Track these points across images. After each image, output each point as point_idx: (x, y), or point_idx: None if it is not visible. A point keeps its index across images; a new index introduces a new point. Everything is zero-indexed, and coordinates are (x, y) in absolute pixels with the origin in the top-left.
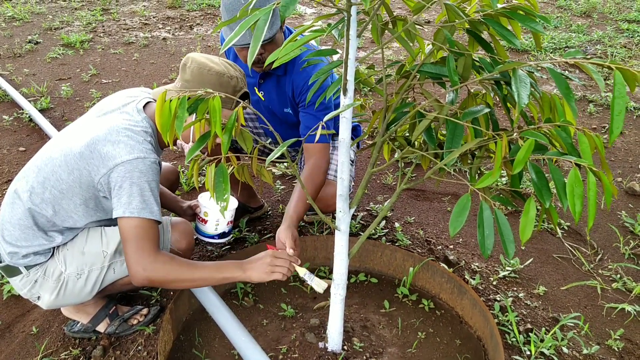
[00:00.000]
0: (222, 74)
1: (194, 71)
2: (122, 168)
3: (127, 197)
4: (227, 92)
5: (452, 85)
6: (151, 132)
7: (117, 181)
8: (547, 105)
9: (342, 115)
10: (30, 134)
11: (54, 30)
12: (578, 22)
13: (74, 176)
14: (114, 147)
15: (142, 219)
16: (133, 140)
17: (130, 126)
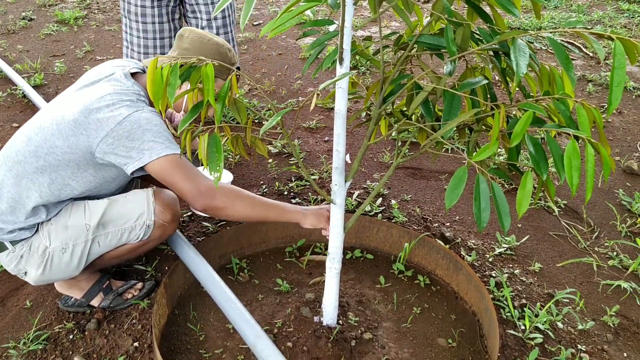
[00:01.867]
0: (221, 44)
1: (194, 39)
2: (126, 122)
3: (147, 144)
4: (223, 61)
5: (450, 55)
6: (144, 94)
7: (124, 135)
8: (545, 79)
9: (338, 85)
10: (24, 110)
11: (48, 7)
12: (578, 2)
13: (69, 142)
14: (110, 110)
15: (175, 155)
16: (127, 101)
17: (122, 91)
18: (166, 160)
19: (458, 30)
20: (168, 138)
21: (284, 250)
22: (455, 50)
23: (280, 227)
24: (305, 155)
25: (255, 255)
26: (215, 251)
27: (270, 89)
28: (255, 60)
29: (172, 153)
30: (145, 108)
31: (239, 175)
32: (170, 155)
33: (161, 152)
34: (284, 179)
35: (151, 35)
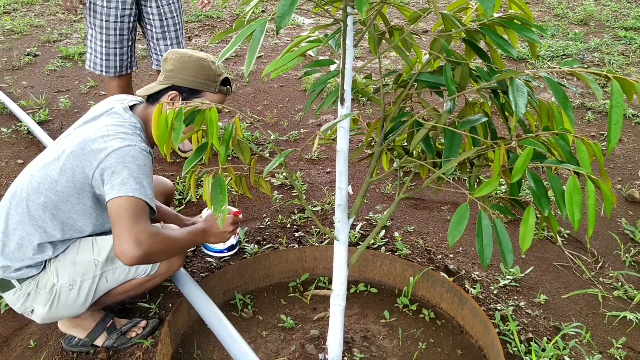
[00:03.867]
0: (202, 59)
1: (176, 60)
2: (114, 155)
3: (121, 180)
4: (208, 75)
5: (449, 94)
6: (140, 127)
7: (109, 167)
8: (544, 114)
9: (340, 125)
10: (29, 147)
11: (53, 42)
12: (575, 30)
13: (68, 175)
14: (104, 141)
15: (137, 199)
16: (123, 133)
17: (119, 123)
18: (127, 201)
19: (457, 69)
20: (141, 182)
21: (288, 285)
22: (455, 89)
23: (284, 261)
24: (307, 187)
25: (259, 290)
26: (219, 287)
27: (272, 121)
28: (257, 92)
29: (133, 196)
30: (137, 144)
31: (242, 209)
32: (130, 197)
33: (127, 191)
34: (287, 212)
35: (112, 45)
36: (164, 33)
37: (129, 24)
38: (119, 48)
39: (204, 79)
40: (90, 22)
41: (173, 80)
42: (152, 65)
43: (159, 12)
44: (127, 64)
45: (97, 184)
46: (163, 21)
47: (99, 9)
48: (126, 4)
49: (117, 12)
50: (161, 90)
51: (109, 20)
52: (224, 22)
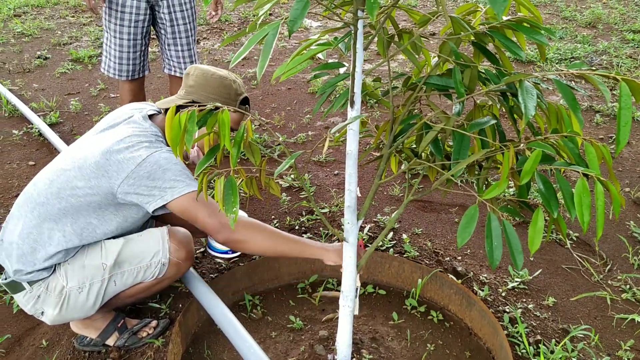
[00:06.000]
0: (224, 77)
1: (198, 76)
2: (145, 164)
3: (169, 182)
4: (229, 94)
5: (458, 97)
6: (161, 136)
7: (145, 176)
8: (553, 116)
9: (350, 127)
10: (40, 148)
11: (63, 45)
12: (583, 33)
13: (91, 184)
14: (130, 152)
15: (196, 192)
16: (146, 142)
17: (140, 133)
18: (188, 198)
19: (465, 72)
20: (188, 176)
21: (297, 287)
22: (464, 92)
23: (293, 263)
24: (315, 189)
25: (268, 291)
26: (229, 288)
27: (280, 124)
28: (265, 95)
29: (193, 190)
30: (163, 148)
31: (251, 210)
32: (192, 192)
33: (183, 190)
34: (295, 214)
35: (125, 49)
36: (175, 39)
37: (142, 29)
38: (132, 52)
39: (224, 97)
40: (105, 25)
41: (194, 95)
42: (164, 69)
43: (170, 18)
44: (139, 68)
45: (125, 193)
46: (175, 27)
47: (114, 14)
48: (140, 9)
49: (131, 16)
50: (181, 105)
51: (123, 24)
52: (232, 25)
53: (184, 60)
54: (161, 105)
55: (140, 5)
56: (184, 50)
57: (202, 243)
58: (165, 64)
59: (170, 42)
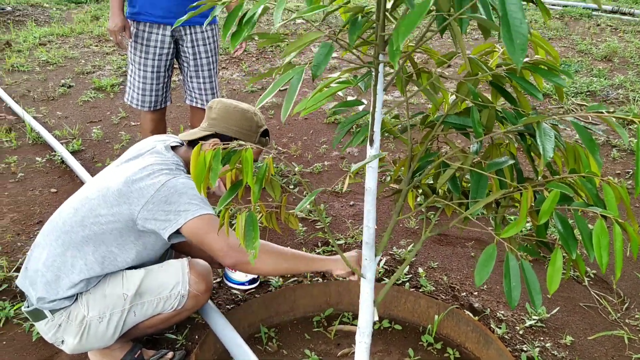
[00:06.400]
0: (246, 110)
1: (220, 109)
2: (164, 189)
3: (184, 206)
4: (250, 127)
5: (476, 136)
6: (182, 165)
7: (163, 200)
8: (571, 155)
9: (369, 165)
10: (62, 176)
11: (86, 74)
12: (599, 67)
13: (113, 211)
14: (151, 178)
15: (209, 215)
16: (167, 169)
17: (162, 162)
18: (200, 220)
19: (483, 112)
20: (203, 200)
21: (312, 320)
22: (482, 132)
23: (309, 295)
24: (331, 220)
25: (283, 324)
26: (245, 319)
27: (297, 153)
28: (282, 125)
29: (206, 213)
30: (182, 175)
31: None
32: (204, 215)
33: (196, 212)
34: (311, 244)
35: (149, 81)
36: (197, 72)
37: (166, 62)
38: (155, 84)
39: (245, 130)
40: (131, 58)
41: (216, 128)
42: (185, 100)
43: (194, 51)
44: (162, 99)
45: (144, 219)
46: (197, 60)
47: (139, 47)
48: (165, 43)
49: (155, 50)
50: (204, 137)
51: (148, 57)
52: (250, 56)
53: (205, 92)
54: (184, 137)
55: (165, 40)
56: (205, 83)
57: (219, 274)
58: (187, 95)
59: (192, 75)
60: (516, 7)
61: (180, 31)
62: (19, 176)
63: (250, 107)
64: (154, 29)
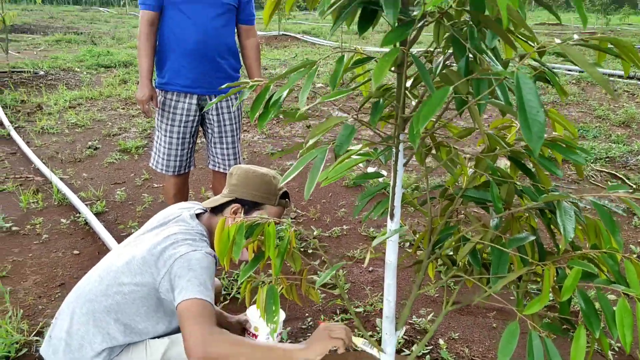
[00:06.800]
0: (265, 174)
1: (240, 175)
2: (180, 260)
3: (186, 282)
4: (269, 190)
5: (496, 212)
6: (206, 234)
7: (176, 272)
8: (592, 231)
9: (390, 239)
10: (85, 237)
11: (112, 136)
12: (617, 132)
13: (136, 280)
14: (173, 248)
15: (200, 300)
16: (190, 240)
17: (186, 231)
18: (192, 303)
19: (502, 186)
20: (204, 283)
21: None
22: (502, 208)
23: None
24: (349, 287)
25: None
26: None
27: (316, 217)
28: (301, 187)
29: (200, 298)
30: (202, 248)
31: (284, 307)
32: (197, 299)
33: (191, 294)
34: (329, 312)
35: (174, 147)
36: (221, 138)
37: (191, 129)
38: (180, 150)
39: (265, 193)
40: (157, 125)
41: (237, 193)
42: (209, 164)
43: (218, 119)
44: (185, 164)
45: (164, 289)
46: (221, 127)
47: (166, 114)
48: (190, 110)
49: (181, 117)
50: (225, 203)
51: (174, 124)
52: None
53: (228, 158)
54: (207, 205)
55: (191, 107)
56: (229, 149)
57: None
58: (210, 160)
59: (216, 141)
60: (532, 95)
61: (206, 99)
62: (43, 237)
63: (269, 170)
64: (181, 97)
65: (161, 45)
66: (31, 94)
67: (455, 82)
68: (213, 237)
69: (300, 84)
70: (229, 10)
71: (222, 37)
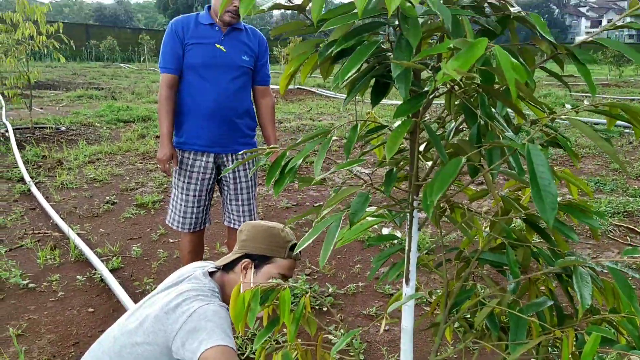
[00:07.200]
0: (272, 227)
1: (249, 230)
2: (195, 315)
3: (207, 334)
4: (277, 242)
5: (513, 277)
6: (218, 291)
7: (193, 327)
8: (610, 294)
9: (405, 304)
10: (100, 294)
11: (130, 191)
12: (634, 186)
13: (150, 339)
14: (186, 304)
15: (227, 347)
16: (202, 295)
17: (198, 287)
18: (216, 351)
19: (518, 250)
20: (226, 331)
21: None
22: (519, 272)
23: None
24: (365, 347)
25: None
26: None
27: (331, 273)
28: (316, 242)
29: (223, 345)
30: (215, 301)
31: None
32: (222, 346)
33: (216, 341)
34: None
35: (190, 204)
36: (236, 195)
37: (207, 186)
38: (196, 207)
39: (273, 245)
40: (174, 183)
41: (246, 249)
42: (224, 221)
43: (234, 176)
44: (201, 221)
45: (177, 347)
46: (237, 184)
47: (183, 172)
48: (207, 168)
49: (198, 175)
50: (236, 259)
51: (190, 182)
52: None
53: (243, 214)
54: (219, 263)
55: (208, 166)
56: (244, 205)
57: None
58: (225, 216)
59: (232, 198)
60: (544, 167)
61: (222, 157)
62: (59, 295)
63: (278, 224)
64: (198, 156)
65: (180, 107)
66: (52, 150)
67: (468, 152)
68: (225, 294)
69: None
70: (245, 73)
71: (239, 99)
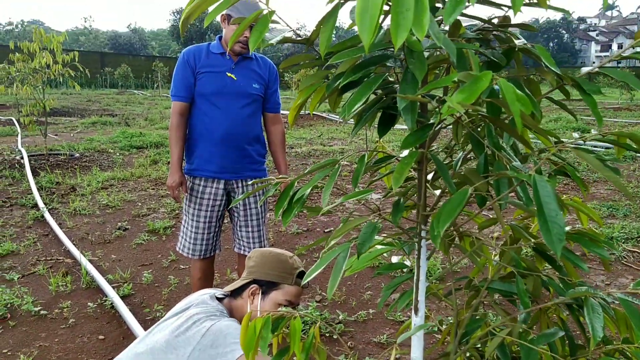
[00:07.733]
0: (280, 254)
1: (257, 257)
2: (209, 333)
3: (230, 346)
4: (285, 269)
5: (523, 307)
6: (226, 314)
7: (209, 343)
8: (622, 324)
9: (415, 335)
10: (110, 322)
11: (142, 216)
12: None
13: None
14: (196, 325)
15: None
16: (212, 315)
17: (207, 310)
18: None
19: (528, 279)
20: None
21: None
22: (529, 302)
23: None
24: None
25: None
26: None
27: (341, 299)
28: (325, 268)
29: None
30: (225, 318)
31: None
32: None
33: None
34: None
35: (200, 231)
36: (246, 221)
37: (217, 213)
38: (206, 234)
39: (281, 272)
40: (185, 210)
41: (254, 275)
42: (234, 247)
43: (244, 202)
44: (211, 247)
45: None
46: (247, 211)
47: (193, 199)
48: (217, 195)
49: (209, 202)
50: (244, 285)
51: (201, 209)
52: None
53: (253, 241)
54: (227, 289)
55: (218, 192)
56: (254, 232)
57: None
58: (235, 242)
59: (242, 224)
60: (550, 198)
61: (232, 184)
62: (70, 322)
63: (285, 252)
64: (209, 182)
65: (191, 134)
66: (66, 176)
67: (476, 182)
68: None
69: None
70: (255, 101)
71: (250, 126)
